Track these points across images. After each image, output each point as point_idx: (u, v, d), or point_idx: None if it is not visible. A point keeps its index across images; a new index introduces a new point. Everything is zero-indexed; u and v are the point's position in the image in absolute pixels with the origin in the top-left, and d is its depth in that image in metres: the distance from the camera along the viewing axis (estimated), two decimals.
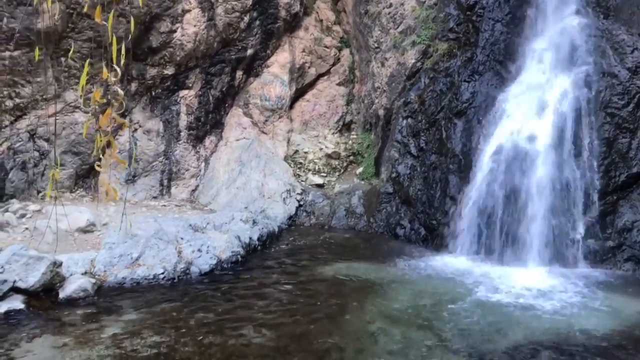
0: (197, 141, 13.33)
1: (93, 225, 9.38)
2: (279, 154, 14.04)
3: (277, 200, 12.61)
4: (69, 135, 11.22)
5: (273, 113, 14.37)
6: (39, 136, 10.77)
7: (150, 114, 12.53)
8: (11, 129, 10.34)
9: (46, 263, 7.20)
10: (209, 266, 8.61)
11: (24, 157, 10.41)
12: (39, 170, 10.77)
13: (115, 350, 5.58)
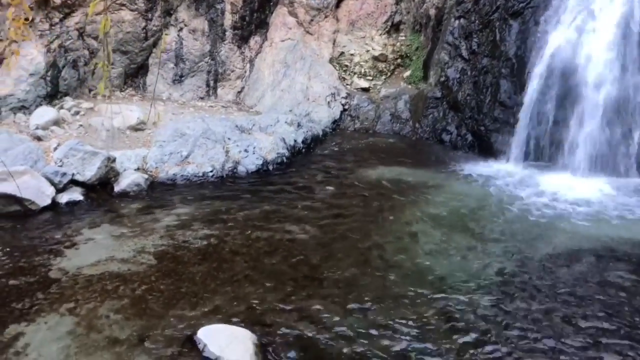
0: (242, 41, 13.14)
1: (143, 123, 9.62)
2: (324, 55, 13.73)
3: (321, 104, 12.53)
4: (116, 33, 11.24)
5: (319, 12, 13.90)
6: (88, 34, 10.83)
7: (195, 12, 12.33)
8: (61, 27, 10.42)
9: (101, 158, 7.54)
10: (255, 166, 8.82)
11: (74, 55, 10.56)
12: (90, 69, 10.94)
13: (168, 240, 5.93)
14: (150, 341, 4.00)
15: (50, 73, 10.01)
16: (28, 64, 9.70)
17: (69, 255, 5.48)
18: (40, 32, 10.13)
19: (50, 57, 10.11)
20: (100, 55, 10.94)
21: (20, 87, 9.49)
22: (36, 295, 4.66)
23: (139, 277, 5.01)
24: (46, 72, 9.92)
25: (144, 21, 11.56)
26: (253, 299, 4.67)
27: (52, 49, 10.18)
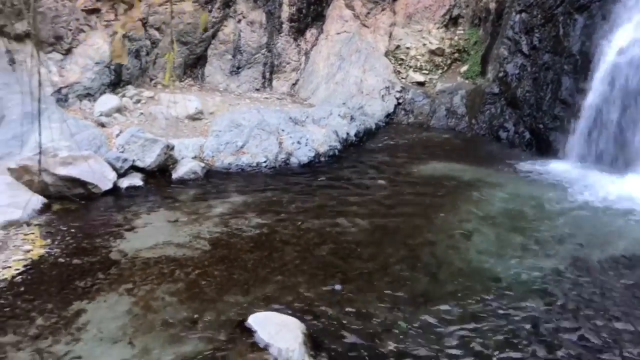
0: (298, 34, 13.23)
1: (201, 113, 9.87)
2: (380, 49, 13.65)
3: (375, 97, 12.48)
4: (177, 24, 11.54)
5: (376, 5, 13.81)
6: (151, 25, 11.18)
7: (253, 4, 12.50)
8: (126, 17, 10.81)
9: (160, 145, 7.80)
10: (308, 158, 8.89)
11: (137, 45, 10.94)
12: (151, 59, 11.30)
13: (222, 227, 6.08)
14: (203, 324, 4.12)
15: (114, 62, 10.40)
16: (94, 53, 10.11)
17: (128, 238, 5.71)
18: (106, 23, 10.54)
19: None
20: (161, 45, 11.28)
21: (87, 75, 9.91)
22: (97, 275, 4.89)
23: (193, 262, 5.16)
24: (110, 61, 10.31)
25: (203, 11, 11.80)
26: (302, 288, 4.73)
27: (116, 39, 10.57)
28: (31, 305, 4.34)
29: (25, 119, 8.25)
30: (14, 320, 4.14)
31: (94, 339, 3.92)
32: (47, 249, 5.33)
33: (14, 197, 6.26)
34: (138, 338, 3.94)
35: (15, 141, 7.81)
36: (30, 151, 7.38)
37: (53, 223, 6.02)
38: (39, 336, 3.95)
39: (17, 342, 3.86)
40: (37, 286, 4.65)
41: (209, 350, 3.80)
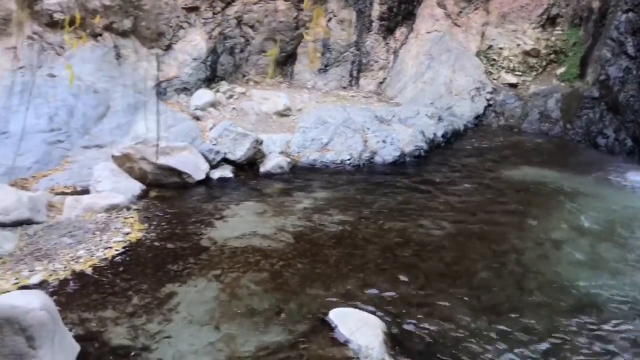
0: (388, 33, 13.16)
1: (289, 110, 10.09)
2: (471, 49, 13.29)
3: (464, 98, 12.17)
4: (270, 23, 11.86)
5: (469, 4, 13.46)
6: (245, 23, 11.57)
7: (344, 3, 12.59)
8: (222, 16, 11.26)
9: (251, 140, 8.07)
10: (393, 158, 8.85)
11: (232, 42, 11.36)
12: (244, 56, 11.70)
13: (306, 222, 6.21)
14: (286, 315, 4.24)
15: (210, 59, 10.87)
16: (192, 49, 10.62)
17: (218, 227, 5.97)
18: (204, 21, 11.03)
19: (212, 43, 10.97)
20: (254, 43, 11.63)
21: (184, 71, 10.43)
22: (188, 260, 5.15)
23: (278, 254, 5.31)
24: (207, 57, 10.78)
25: (297, 11, 12.05)
26: (384, 288, 4.73)
27: (213, 36, 11.04)
28: (128, 285, 4.66)
29: (129, 110, 8.84)
30: (113, 297, 4.45)
31: (184, 321, 4.14)
32: (145, 233, 5.69)
33: (116, 183, 6.73)
34: (224, 323, 4.12)
35: (119, 130, 8.39)
36: (132, 140, 7.90)
37: (150, 209, 6.42)
38: (135, 314, 4.22)
39: (115, 318, 4.15)
40: (134, 267, 4.98)
41: (290, 340, 3.90)
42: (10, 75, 9.21)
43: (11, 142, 7.68)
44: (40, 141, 7.77)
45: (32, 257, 5.04)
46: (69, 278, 4.71)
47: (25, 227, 5.68)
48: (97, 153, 7.91)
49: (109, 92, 9.22)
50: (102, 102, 8.97)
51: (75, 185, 7.11)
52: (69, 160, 7.76)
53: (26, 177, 7.23)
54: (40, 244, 5.32)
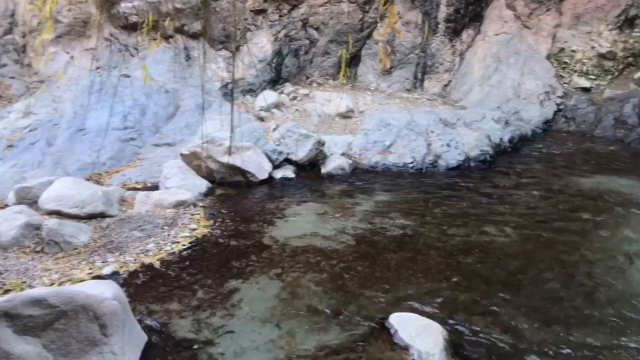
0: (454, 34, 12.93)
1: (351, 111, 10.11)
2: (541, 51, 12.82)
3: (533, 102, 11.76)
4: (335, 25, 11.93)
5: (540, 5, 12.99)
6: (310, 25, 11.69)
7: (410, 5, 12.48)
8: (288, 18, 11.43)
9: (313, 141, 8.14)
10: (456, 162, 8.68)
11: (297, 44, 11.51)
12: (308, 58, 11.82)
13: (366, 224, 6.19)
14: (345, 317, 4.24)
15: (275, 60, 11.06)
16: (258, 51, 10.83)
17: (280, 226, 6.06)
18: (270, 23, 11.23)
19: (277, 45, 11.15)
20: (319, 45, 11.72)
21: (250, 72, 10.66)
22: (251, 258, 5.26)
23: (338, 255, 5.33)
24: (272, 59, 10.97)
25: (362, 13, 12.05)
26: (445, 294, 4.65)
27: (279, 38, 11.22)
28: (194, 279, 4.80)
29: (197, 110, 9.13)
30: (179, 290, 4.61)
31: (246, 317, 4.23)
32: (210, 229, 5.86)
33: (184, 180, 6.96)
34: (284, 321, 4.17)
35: (187, 129, 8.68)
36: (199, 139, 8.14)
37: (215, 206, 6.60)
38: (199, 307, 4.35)
39: (180, 311, 4.30)
40: (199, 262, 5.14)
41: (349, 342, 3.90)
42: (88, 75, 9.73)
43: (88, 138, 8.11)
44: (114, 138, 8.16)
45: (104, 248, 5.30)
46: (138, 270, 4.91)
47: (99, 220, 5.99)
48: (167, 151, 8.22)
49: (178, 92, 9.57)
50: (172, 101, 9.32)
51: (145, 181, 7.43)
52: (140, 157, 8.11)
53: (100, 172, 7.61)
54: (112, 236, 5.59)
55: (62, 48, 10.33)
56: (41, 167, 7.40)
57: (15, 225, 5.36)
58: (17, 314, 3.21)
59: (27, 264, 4.93)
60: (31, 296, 3.29)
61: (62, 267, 4.90)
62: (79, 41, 10.52)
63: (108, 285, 3.69)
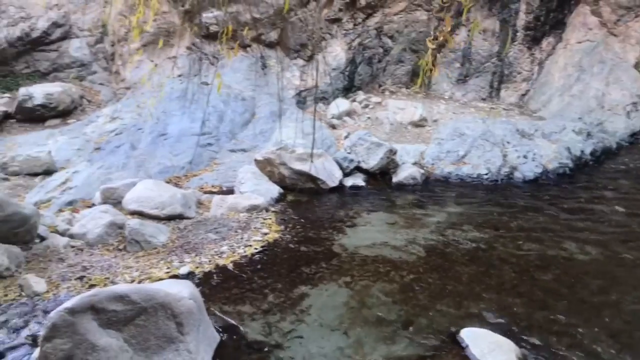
0: (533, 42, 12.50)
1: (424, 120, 10.00)
2: (629, 59, 12.14)
3: (618, 113, 11.15)
4: (409, 33, 11.86)
5: (628, 11, 12.32)
6: (384, 33, 11.69)
7: (487, 12, 12.20)
8: (362, 26, 11.48)
9: (384, 149, 8.11)
10: (534, 174, 8.38)
11: (370, 52, 11.54)
12: (382, 66, 11.81)
13: (438, 236, 6.09)
14: (414, 329, 4.19)
15: (348, 68, 11.13)
16: (332, 59, 10.95)
17: (349, 234, 6.08)
18: (344, 31, 11.32)
19: (350, 54, 11.22)
20: (393, 53, 11.69)
21: (323, 80, 10.78)
22: (320, 264, 5.30)
23: (408, 266, 5.27)
24: (345, 67, 11.05)
25: (437, 21, 11.91)
26: (519, 311, 4.49)
27: (352, 46, 11.29)
28: (265, 282, 4.91)
29: (271, 117, 9.34)
30: (250, 293, 4.72)
31: (315, 323, 4.27)
32: (281, 234, 5.96)
33: (257, 185, 7.14)
34: (353, 330, 4.17)
35: (261, 136, 8.90)
36: (273, 146, 8.33)
37: (287, 211, 6.72)
38: (269, 311, 4.44)
39: (252, 313, 4.40)
40: (270, 266, 5.24)
41: (418, 354, 3.85)
42: (170, 82, 10.20)
43: (168, 143, 8.49)
44: (193, 143, 8.50)
45: (181, 249, 5.52)
46: (213, 271, 5.08)
47: (177, 221, 6.24)
48: (242, 156, 8.47)
49: (254, 99, 9.83)
50: (248, 108, 9.59)
51: (221, 185, 7.68)
52: (216, 162, 8.39)
53: (179, 176, 7.95)
54: (189, 237, 5.81)
55: (147, 56, 10.89)
56: (125, 169, 7.83)
57: (100, 223, 5.69)
58: (102, 308, 3.40)
59: (110, 261, 5.21)
60: (115, 292, 3.48)
61: (142, 265, 5.14)
62: (163, 50, 11.05)
63: (185, 285, 3.84)
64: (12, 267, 4.77)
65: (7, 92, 11.00)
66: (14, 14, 11.30)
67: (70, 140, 9.00)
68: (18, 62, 11.43)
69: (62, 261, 5.11)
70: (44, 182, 7.55)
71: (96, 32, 12.01)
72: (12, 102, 10.70)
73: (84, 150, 8.59)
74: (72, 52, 11.75)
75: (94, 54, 11.94)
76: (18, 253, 4.96)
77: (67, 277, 4.80)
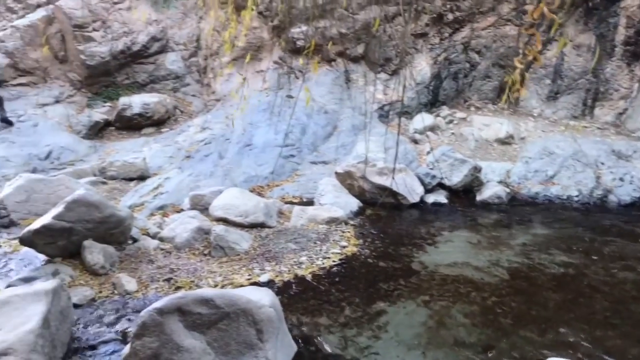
0: (633, 58, 11.75)
1: (511, 137, 9.67)
2: None
3: None
4: (498, 48, 11.55)
5: None
6: (472, 48, 11.45)
7: (583, 27, 11.63)
8: (449, 41, 11.32)
9: (468, 167, 7.92)
10: (630, 198, 7.87)
11: (456, 67, 11.34)
12: (468, 81, 11.56)
13: (523, 258, 5.85)
14: (496, 354, 4.04)
15: (433, 83, 11.00)
16: (416, 74, 10.86)
17: (429, 252, 5.98)
18: (430, 46, 11.22)
19: (436, 68, 11.09)
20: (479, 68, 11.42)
21: (407, 95, 10.71)
22: (399, 281, 5.24)
23: (490, 288, 5.10)
24: (430, 82, 10.93)
25: (527, 36, 11.50)
26: (611, 344, 4.21)
27: (438, 61, 11.15)
28: (342, 296, 4.92)
29: (352, 130, 9.40)
30: (328, 305, 4.75)
31: (392, 341, 4.22)
32: (359, 248, 5.97)
33: (337, 198, 7.20)
34: (430, 350, 4.09)
35: (342, 149, 8.98)
36: (353, 159, 8.38)
37: (365, 225, 6.71)
38: (346, 325, 4.44)
39: (329, 325, 4.42)
40: (348, 279, 5.25)
41: None
42: (257, 95, 10.54)
43: (253, 153, 8.77)
44: (276, 154, 8.72)
45: (262, 257, 5.66)
46: (292, 281, 5.17)
47: (259, 230, 6.42)
48: (322, 168, 8.58)
49: (337, 113, 9.95)
50: (330, 122, 9.71)
51: (301, 196, 7.81)
52: (298, 173, 8.55)
53: (262, 185, 8.17)
54: (269, 246, 5.95)
55: (236, 70, 11.34)
56: (213, 177, 8.16)
57: (188, 228, 5.96)
58: (188, 311, 3.55)
59: (196, 265, 5.44)
60: (201, 295, 3.63)
61: (225, 270, 5.33)
62: (251, 64, 11.46)
63: (266, 293, 3.93)
64: (107, 266, 5.09)
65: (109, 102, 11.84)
66: (118, 29, 12.15)
67: (163, 148, 9.52)
68: (119, 73, 12.26)
69: (152, 263, 5.40)
70: (138, 186, 8.03)
71: (190, 47, 12.67)
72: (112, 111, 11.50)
73: (175, 158, 9.05)
74: (168, 65, 12.46)
75: (187, 67, 12.59)
76: (112, 253, 5.29)
77: (156, 278, 5.06)
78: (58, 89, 11.96)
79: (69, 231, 5.07)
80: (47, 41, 11.90)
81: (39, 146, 9.63)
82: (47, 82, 12.01)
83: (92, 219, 5.20)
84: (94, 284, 4.85)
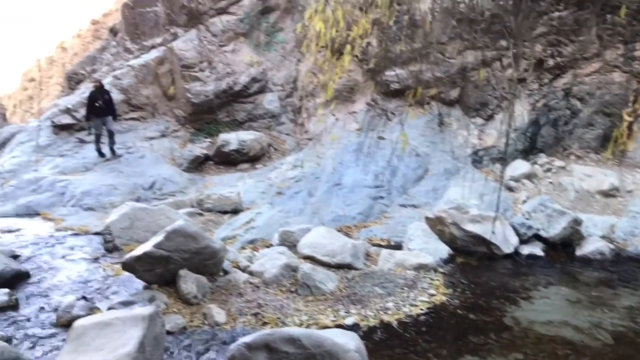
0: None
1: (616, 190, 9.06)
2: None
3: None
4: (602, 95, 10.97)
5: None
6: (573, 95, 10.97)
7: None
8: (549, 87, 10.92)
9: (567, 219, 7.50)
10: None
11: (556, 114, 10.88)
12: (568, 129, 11.03)
13: (629, 322, 5.38)
14: None
15: (530, 129, 10.63)
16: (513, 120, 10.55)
17: (523, 307, 5.66)
18: (529, 92, 10.90)
19: (534, 114, 10.73)
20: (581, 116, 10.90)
21: (503, 140, 10.40)
22: (489, 336, 5.00)
23: (591, 352, 4.73)
24: (527, 128, 10.58)
25: (637, 83, 10.87)
26: None
27: (536, 107, 10.79)
28: (429, 346, 4.76)
29: (444, 174, 9.25)
30: (414, 355, 4.61)
31: None
32: (448, 297, 5.78)
33: (426, 243, 7.06)
34: None
35: (433, 193, 8.84)
36: (444, 204, 8.20)
37: (455, 274, 6.50)
38: None
39: None
40: (435, 330, 5.08)
41: None
42: (348, 135, 10.70)
43: (342, 193, 8.85)
44: (365, 195, 8.75)
45: (348, 299, 5.63)
46: (377, 326, 5.08)
47: (346, 271, 6.40)
48: (412, 212, 8.47)
49: (428, 156, 9.85)
50: (421, 164, 9.63)
51: (389, 239, 7.73)
52: (386, 215, 8.50)
53: (350, 225, 8.19)
54: (355, 288, 5.91)
55: (329, 110, 11.60)
56: (302, 214, 8.30)
57: (277, 264, 6.07)
58: (275, 348, 3.60)
59: (282, 302, 5.50)
60: (288, 334, 3.67)
61: (311, 309, 5.34)
62: (344, 105, 11.70)
63: (352, 337, 3.90)
64: (199, 296, 5.28)
65: (209, 138, 12.50)
66: (222, 70, 12.91)
67: (256, 183, 9.86)
68: (221, 111, 12.96)
69: (241, 296, 5.53)
70: (231, 219, 8.33)
71: (287, 87, 13.17)
72: (212, 147, 12.13)
73: (267, 194, 9.33)
74: (266, 105, 13.01)
75: (283, 106, 13.08)
76: (205, 283, 5.48)
77: (244, 312, 5.17)
78: (164, 123, 12.84)
79: (166, 259, 5.34)
80: (158, 79, 12.87)
81: (144, 176, 10.31)
82: (155, 117, 12.93)
83: (189, 249, 5.44)
84: (186, 312, 5.03)
